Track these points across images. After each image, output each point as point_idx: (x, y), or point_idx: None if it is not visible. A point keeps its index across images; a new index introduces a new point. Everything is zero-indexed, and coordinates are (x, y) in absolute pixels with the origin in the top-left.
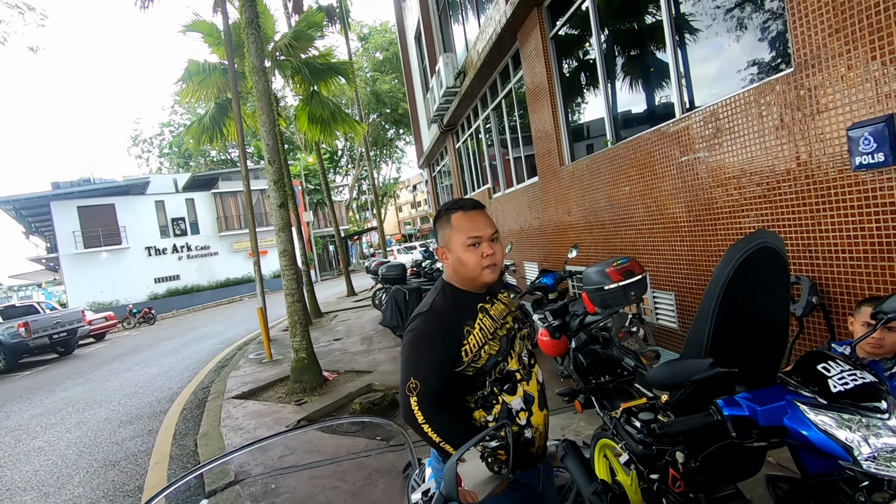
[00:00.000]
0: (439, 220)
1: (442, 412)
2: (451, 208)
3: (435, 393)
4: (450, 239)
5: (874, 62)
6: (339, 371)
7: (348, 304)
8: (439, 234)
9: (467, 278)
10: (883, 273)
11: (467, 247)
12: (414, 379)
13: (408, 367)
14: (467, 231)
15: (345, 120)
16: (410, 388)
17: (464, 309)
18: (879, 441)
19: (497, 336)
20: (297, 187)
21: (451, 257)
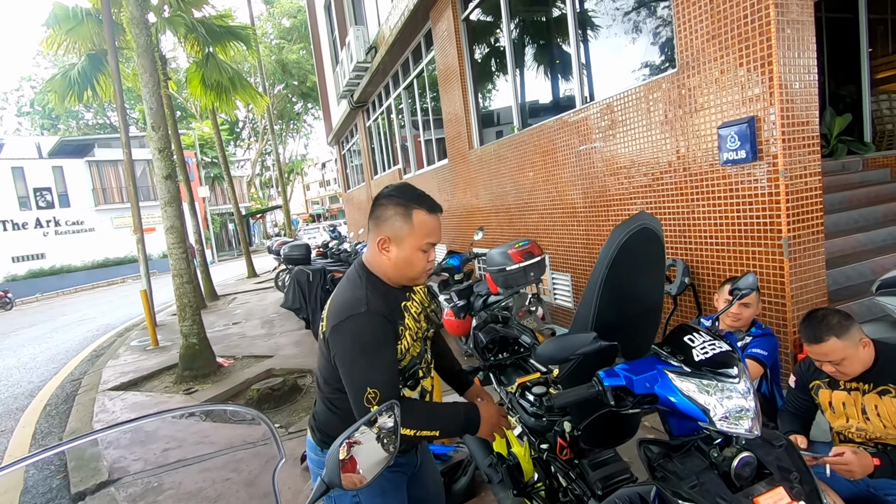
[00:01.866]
0: (393, 208)
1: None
2: (414, 202)
3: (392, 395)
4: (404, 235)
5: (741, 68)
6: (235, 357)
7: (249, 286)
8: (388, 223)
9: (403, 277)
10: (743, 256)
11: (419, 250)
12: (371, 389)
13: (361, 377)
14: (427, 235)
15: (245, 88)
16: (369, 399)
17: (394, 308)
18: (731, 402)
19: (418, 338)
20: (191, 159)
21: (396, 254)
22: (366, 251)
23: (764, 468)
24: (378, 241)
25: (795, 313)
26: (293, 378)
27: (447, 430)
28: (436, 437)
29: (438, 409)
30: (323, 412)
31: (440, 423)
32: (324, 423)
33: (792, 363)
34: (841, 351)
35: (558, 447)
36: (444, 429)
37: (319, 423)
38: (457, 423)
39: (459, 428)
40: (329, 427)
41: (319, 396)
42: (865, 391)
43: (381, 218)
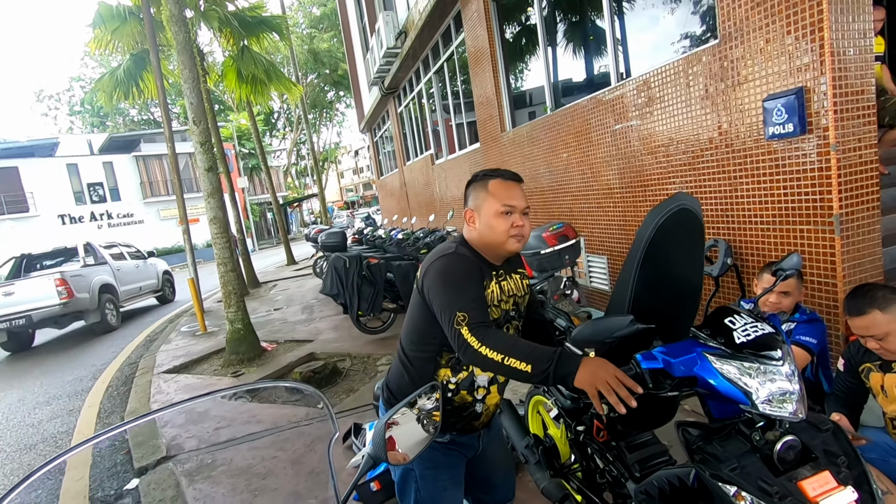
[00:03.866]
0: (474, 184)
1: (493, 331)
2: (489, 174)
3: (482, 320)
4: (483, 203)
5: (789, 36)
6: (278, 341)
7: (288, 273)
8: (472, 196)
9: (491, 244)
10: (790, 235)
11: (500, 213)
12: (460, 312)
13: (450, 304)
14: (503, 198)
15: (280, 79)
16: (458, 321)
17: (483, 268)
18: (774, 385)
19: (500, 307)
20: (230, 151)
21: (480, 222)
22: (463, 226)
23: (809, 452)
24: (466, 217)
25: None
26: (333, 361)
27: (540, 364)
28: (527, 374)
29: (529, 343)
30: (397, 372)
31: (531, 353)
32: (394, 382)
33: (843, 346)
34: (884, 325)
35: (595, 429)
36: (537, 361)
37: (391, 381)
38: (549, 358)
39: (552, 363)
40: (398, 387)
41: (397, 356)
42: None
43: (467, 197)
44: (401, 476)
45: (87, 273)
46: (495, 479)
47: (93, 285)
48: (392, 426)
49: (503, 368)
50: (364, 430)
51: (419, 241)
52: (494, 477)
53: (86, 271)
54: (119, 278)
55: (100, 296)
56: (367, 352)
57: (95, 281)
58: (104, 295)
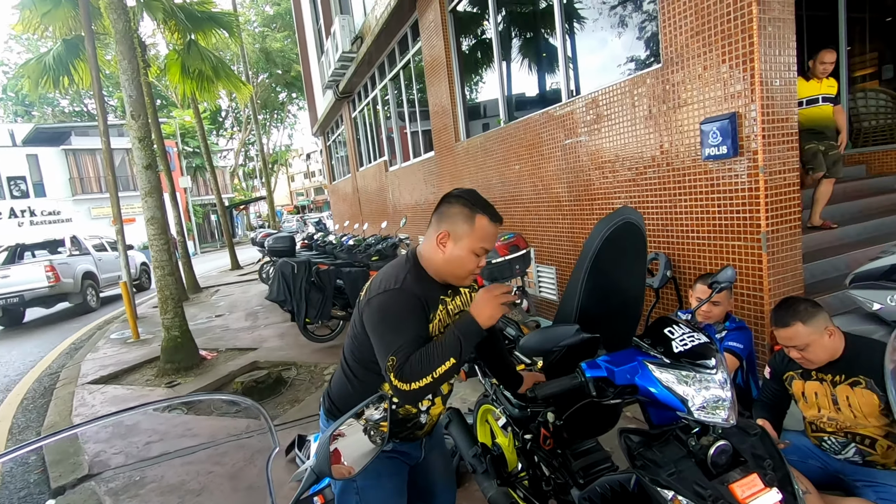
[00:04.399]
0: (458, 206)
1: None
2: (479, 207)
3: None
4: (463, 235)
5: (724, 65)
6: (218, 349)
7: (232, 277)
8: (452, 219)
9: (449, 275)
10: (723, 250)
11: (473, 253)
12: (391, 356)
13: (385, 346)
14: (483, 240)
15: (228, 77)
16: (389, 368)
17: (430, 296)
18: (708, 393)
19: None
20: (172, 148)
21: (451, 250)
22: (421, 245)
23: (739, 456)
24: (438, 235)
25: (772, 306)
26: (278, 370)
27: (454, 349)
28: (455, 365)
29: (433, 345)
30: (339, 382)
31: (442, 351)
32: (337, 393)
33: (768, 355)
34: (805, 336)
35: (541, 437)
36: (450, 350)
37: (333, 392)
38: (455, 339)
39: (460, 339)
40: (341, 398)
41: (340, 366)
42: (837, 382)
43: (445, 214)
44: (341, 490)
45: (72, 261)
46: (436, 487)
47: (76, 272)
48: (337, 438)
49: (438, 382)
50: (308, 441)
51: (371, 247)
52: (436, 485)
53: (71, 260)
54: (100, 267)
55: (82, 281)
56: (313, 360)
57: (79, 269)
58: (86, 281)
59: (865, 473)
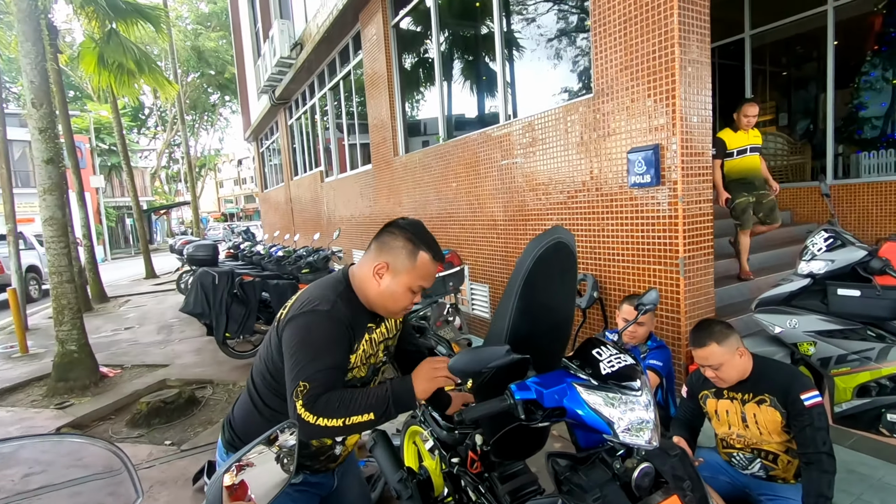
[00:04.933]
0: (402, 240)
1: (326, 396)
2: (424, 244)
3: (322, 390)
4: (403, 271)
5: (649, 99)
6: (123, 366)
7: (146, 287)
8: (393, 252)
9: (381, 308)
10: (645, 273)
11: (411, 290)
12: (303, 382)
13: (298, 370)
14: (423, 278)
15: (154, 73)
16: (298, 392)
17: (358, 325)
18: (633, 415)
19: (368, 363)
20: (84, 144)
21: (388, 283)
22: (356, 267)
23: (661, 477)
24: (376, 266)
25: (688, 327)
26: (190, 389)
27: (380, 408)
28: (372, 422)
29: (362, 392)
30: (245, 410)
31: (368, 402)
32: (242, 423)
33: (685, 374)
34: (719, 356)
35: (469, 461)
36: (375, 406)
37: (237, 420)
38: (384, 396)
39: (389, 399)
40: (246, 426)
41: (247, 391)
42: (746, 400)
43: (387, 244)
44: None
45: None
46: None
47: None
48: (243, 469)
49: (347, 429)
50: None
51: (301, 259)
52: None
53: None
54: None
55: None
56: (232, 378)
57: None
58: (29, 273)
59: (768, 487)
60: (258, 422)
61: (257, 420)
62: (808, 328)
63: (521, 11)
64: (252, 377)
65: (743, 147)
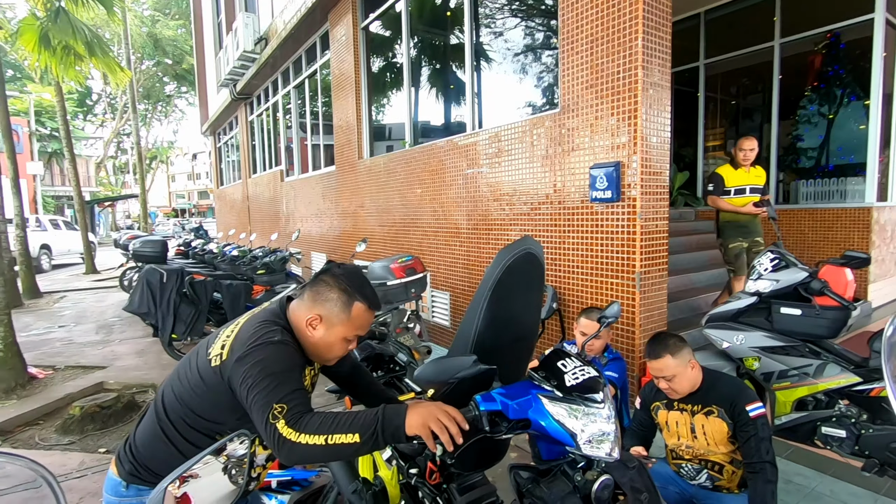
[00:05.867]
0: (336, 292)
1: (310, 415)
2: (358, 293)
3: (301, 409)
4: (338, 323)
5: (612, 117)
6: (55, 367)
7: (86, 283)
8: (327, 304)
9: (317, 356)
10: (603, 286)
11: (346, 339)
12: (278, 404)
13: (267, 397)
14: (359, 328)
15: (105, 57)
16: (275, 414)
17: (304, 358)
18: (595, 427)
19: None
20: (21, 127)
21: (322, 335)
22: (293, 308)
23: (618, 489)
24: (308, 318)
25: (643, 340)
26: (130, 394)
27: (366, 430)
28: (356, 447)
29: (349, 412)
30: (152, 439)
31: (355, 422)
32: (148, 453)
33: (638, 386)
34: (673, 368)
35: (427, 471)
36: (362, 428)
37: (141, 450)
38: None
39: (378, 422)
40: (153, 459)
41: (152, 420)
42: (695, 412)
43: (320, 295)
44: None
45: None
46: None
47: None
48: (187, 481)
49: (330, 450)
50: None
51: (257, 259)
52: None
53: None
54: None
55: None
56: None
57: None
58: (42, 249)
59: (715, 498)
60: (169, 454)
61: (167, 451)
62: (753, 344)
63: (491, 25)
64: (164, 408)
65: (742, 186)
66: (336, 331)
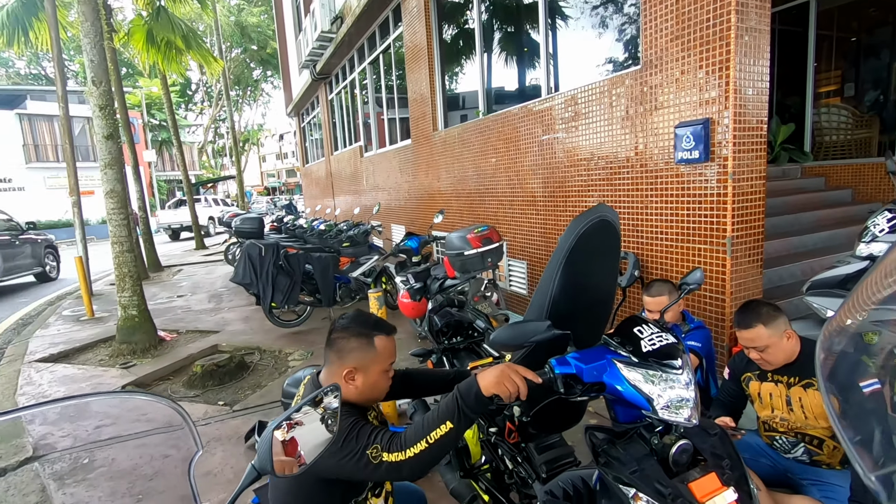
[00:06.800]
0: (355, 339)
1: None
2: (373, 329)
3: (391, 437)
4: (370, 363)
5: (701, 70)
6: (179, 331)
7: (196, 257)
8: (353, 354)
9: (371, 399)
10: (689, 253)
11: (384, 372)
12: (371, 446)
13: (355, 449)
14: (389, 357)
15: (199, 49)
16: (373, 456)
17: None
18: (673, 392)
19: None
20: (136, 120)
21: (364, 382)
22: (326, 379)
23: (699, 455)
24: (344, 374)
25: (733, 308)
26: (240, 354)
27: (451, 412)
28: (454, 431)
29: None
30: None
31: (439, 413)
32: None
33: (727, 356)
34: (766, 338)
35: (506, 431)
36: (447, 413)
37: None
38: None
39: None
40: None
41: None
42: (791, 384)
43: (343, 350)
44: None
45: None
46: None
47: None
48: (293, 427)
49: (436, 448)
50: None
51: (342, 233)
52: None
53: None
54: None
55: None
56: (278, 346)
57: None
58: (209, 220)
59: (812, 472)
60: None
61: None
62: None
63: None
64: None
65: None
66: (372, 371)
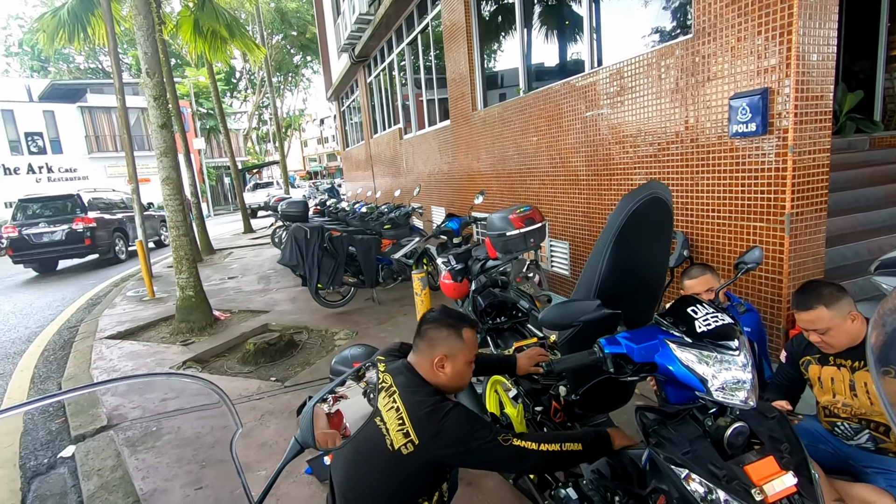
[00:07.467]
0: (445, 329)
1: (537, 432)
2: (461, 322)
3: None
4: (458, 352)
5: (759, 36)
6: (231, 311)
7: (245, 241)
8: (444, 342)
9: (453, 389)
10: (743, 232)
11: (469, 363)
12: (499, 436)
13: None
14: (474, 348)
15: (242, 37)
16: (506, 439)
17: None
18: (729, 374)
19: None
20: (186, 109)
21: (452, 369)
22: (418, 364)
23: (755, 438)
24: (435, 361)
25: (791, 289)
26: (289, 333)
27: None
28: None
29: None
30: None
31: (571, 436)
32: None
33: (784, 339)
34: (827, 321)
35: (552, 410)
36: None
37: None
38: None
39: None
40: None
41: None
42: (856, 368)
43: (435, 339)
44: None
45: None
46: None
47: None
48: (339, 401)
49: (562, 455)
50: None
51: (383, 216)
52: None
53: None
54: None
55: None
56: (324, 325)
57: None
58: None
59: (877, 460)
60: None
61: None
62: None
63: None
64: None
65: None
66: (459, 360)
